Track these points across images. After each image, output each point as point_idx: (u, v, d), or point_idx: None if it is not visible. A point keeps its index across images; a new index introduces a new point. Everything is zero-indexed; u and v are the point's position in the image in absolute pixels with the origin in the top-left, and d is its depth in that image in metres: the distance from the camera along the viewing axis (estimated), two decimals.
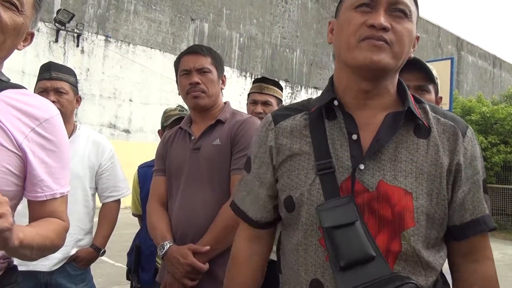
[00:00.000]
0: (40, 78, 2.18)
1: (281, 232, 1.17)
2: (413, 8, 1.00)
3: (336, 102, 1.05)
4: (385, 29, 0.95)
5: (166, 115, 2.69)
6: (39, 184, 1.14)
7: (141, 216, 2.66)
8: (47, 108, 1.18)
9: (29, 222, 1.19)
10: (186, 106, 2.75)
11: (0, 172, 1.07)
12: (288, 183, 1.06)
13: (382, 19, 0.95)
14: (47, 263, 2.09)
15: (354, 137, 1.01)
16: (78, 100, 2.29)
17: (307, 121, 1.08)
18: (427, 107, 1.06)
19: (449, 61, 8.82)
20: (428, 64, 1.77)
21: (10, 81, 1.19)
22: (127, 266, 2.61)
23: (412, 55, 1.06)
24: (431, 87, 1.75)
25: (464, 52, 24.92)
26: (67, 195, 1.23)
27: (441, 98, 1.83)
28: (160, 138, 2.64)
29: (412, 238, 0.96)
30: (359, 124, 1.03)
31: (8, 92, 1.13)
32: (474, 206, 1.03)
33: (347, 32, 1.00)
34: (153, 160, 2.62)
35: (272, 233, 1.21)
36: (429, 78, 1.73)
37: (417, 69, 1.71)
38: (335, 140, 1.03)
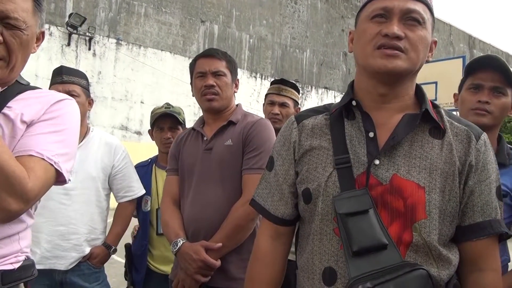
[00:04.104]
0: (53, 82, 2.24)
1: (298, 227, 1.21)
2: (426, 15, 1.06)
3: (354, 102, 1.12)
4: (398, 37, 1.02)
5: (153, 114, 2.68)
6: (20, 143, 1.10)
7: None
8: (60, 95, 1.25)
9: None
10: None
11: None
12: (306, 176, 1.11)
13: (395, 28, 1.02)
14: (63, 262, 2.13)
15: (371, 134, 1.07)
16: (90, 102, 2.34)
17: (327, 120, 1.15)
18: (443, 111, 1.12)
19: (461, 59, 8.75)
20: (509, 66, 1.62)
21: (29, 84, 1.26)
22: (124, 267, 2.58)
23: (431, 59, 1.11)
24: (508, 90, 1.61)
25: (476, 50, 24.68)
26: (52, 166, 1.11)
27: None
28: (151, 138, 2.68)
29: (423, 230, 1.00)
30: (376, 124, 1.09)
31: (25, 94, 1.20)
32: (483, 209, 1.05)
33: (364, 41, 1.07)
34: (147, 160, 2.68)
35: (293, 231, 1.24)
36: (508, 80, 1.60)
37: (494, 68, 1.60)
38: (353, 137, 1.09)
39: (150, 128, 2.73)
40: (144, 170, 2.61)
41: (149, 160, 2.68)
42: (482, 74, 1.65)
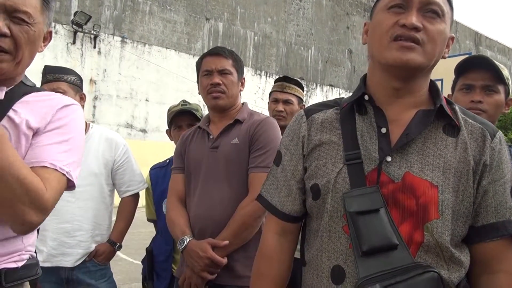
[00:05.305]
0: (41, 84, 2.20)
1: (305, 223, 1.19)
2: (446, 8, 1.02)
3: (366, 97, 1.08)
4: (416, 28, 0.98)
5: (169, 112, 2.56)
6: (30, 152, 1.12)
7: (156, 222, 2.49)
8: (66, 100, 1.24)
9: None
10: (190, 100, 2.62)
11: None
12: (315, 171, 1.08)
13: (414, 19, 0.98)
14: (69, 259, 2.15)
15: (383, 130, 1.04)
16: (82, 97, 2.29)
17: (338, 115, 1.11)
18: (457, 108, 1.08)
19: (467, 56, 8.71)
20: (498, 64, 1.66)
21: (35, 85, 1.26)
22: (142, 274, 2.46)
23: (447, 56, 1.07)
24: (500, 88, 1.65)
25: (483, 47, 24.51)
26: (64, 176, 1.13)
27: (511, 100, 1.72)
28: (170, 138, 2.58)
29: (435, 230, 0.96)
30: (389, 119, 1.05)
31: (30, 96, 1.20)
32: (497, 209, 1.02)
33: (380, 32, 1.03)
34: (165, 161, 2.55)
35: (299, 228, 1.21)
36: (498, 77, 1.64)
37: (483, 67, 1.64)
38: (364, 132, 1.06)
39: (168, 128, 2.61)
40: (163, 171, 2.48)
41: (167, 161, 2.54)
42: (472, 74, 1.68)
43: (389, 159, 1.01)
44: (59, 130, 1.16)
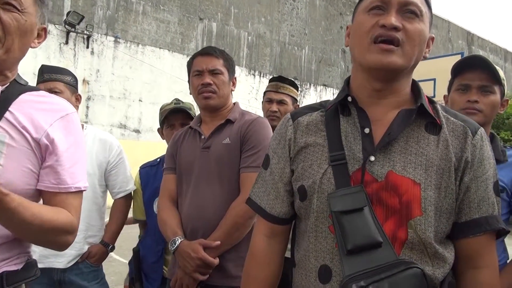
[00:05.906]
0: (37, 82, 2.21)
1: (295, 224, 1.21)
2: (424, 8, 1.04)
3: (350, 98, 1.10)
4: (396, 28, 1.00)
5: (162, 110, 2.52)
6: (53, 175, 1.16)
7: (145, 222, 2.43)
8: (63, 106, 1.23)
9: None
10: (184, 100, 2.58)
11: (23, 172, 1.12)
12: (302, 173, 1.10)
13: (393, 19, 1.00)
14: (62, 260, 2.13)
15: (367, 130, 1.06)
16: (78, 98, 2.30)
17: (323, 117, 1.14)
18: (439, 106, 1.10)
19: (459, 56, 8.76)
20: (495, 65, 1.68)
21: (28, 84, 1.24)
22: (129, 275, 2.41)
23: (427, 55, 1.09)
24: (496, 88, 1.67)
25: (475, 46, 24.66)
26: (83, 191, 1.24)
27: (507, 101, 1.74)
28: (162, 137, 2.53)
29: (419, 227, 0.98)
30: (372, 119, 1.07)
31: (26, 95, 1.18)
32: (479, 205, 1.04)
33: (360, 34, 1.05)
34: (155, 160, 2.50)
35: (289, 229, 1.23)
36: (494, 78, 1.66)
37: (480, 67, 1.66)
38: (348, 133, 1.08)
39: (159, 126, 2.55)
40: (154, 170, 2.44)
41: (158, 160, 2.49)
42: (469, 74, 1.69)
43: (372, 158, 1.02)
44: (72, 149, 1.20)
